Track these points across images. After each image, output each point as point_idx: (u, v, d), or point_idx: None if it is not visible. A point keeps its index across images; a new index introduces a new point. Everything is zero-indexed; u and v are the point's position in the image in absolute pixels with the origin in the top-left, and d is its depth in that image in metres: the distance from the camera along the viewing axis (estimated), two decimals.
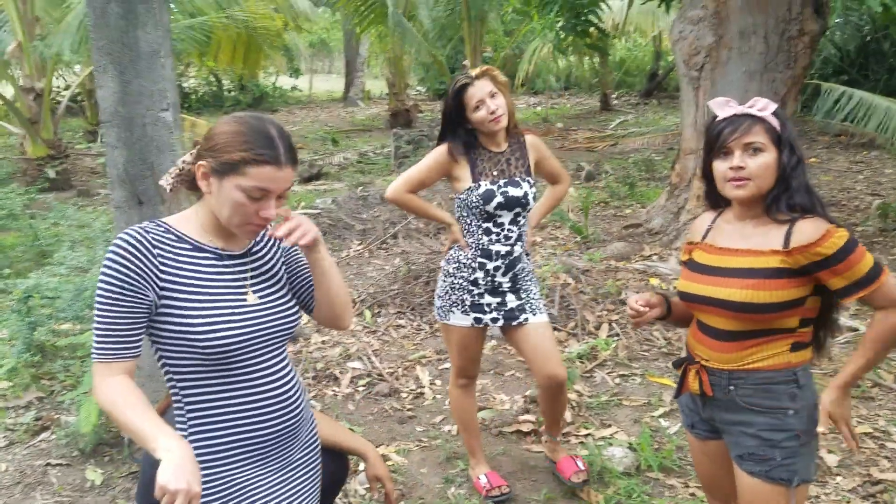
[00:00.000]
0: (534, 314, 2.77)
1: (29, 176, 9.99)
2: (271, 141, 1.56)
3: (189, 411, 1.63)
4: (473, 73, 2.61)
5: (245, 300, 1.66)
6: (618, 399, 3.79)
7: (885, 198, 7.53)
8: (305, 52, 29.77)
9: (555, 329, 4.53)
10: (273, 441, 1.69)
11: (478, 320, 2.75)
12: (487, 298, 2.73)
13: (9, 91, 10.33)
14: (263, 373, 1.67)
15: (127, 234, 1.57)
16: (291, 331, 1.75)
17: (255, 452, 1.67)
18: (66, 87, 14.41)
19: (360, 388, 4.00)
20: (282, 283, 1.77)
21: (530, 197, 2.70)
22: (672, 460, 3.16)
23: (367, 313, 5.02)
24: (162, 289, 1.56)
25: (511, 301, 2.74)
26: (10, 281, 4.99)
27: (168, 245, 1.60)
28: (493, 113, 2.59)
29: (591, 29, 6.88)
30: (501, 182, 2.65)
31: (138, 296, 1.54)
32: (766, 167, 1.75)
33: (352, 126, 17.22)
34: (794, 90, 5.43)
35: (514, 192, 2.65)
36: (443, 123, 2.71)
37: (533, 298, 2.80)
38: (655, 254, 5.89)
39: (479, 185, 2.64)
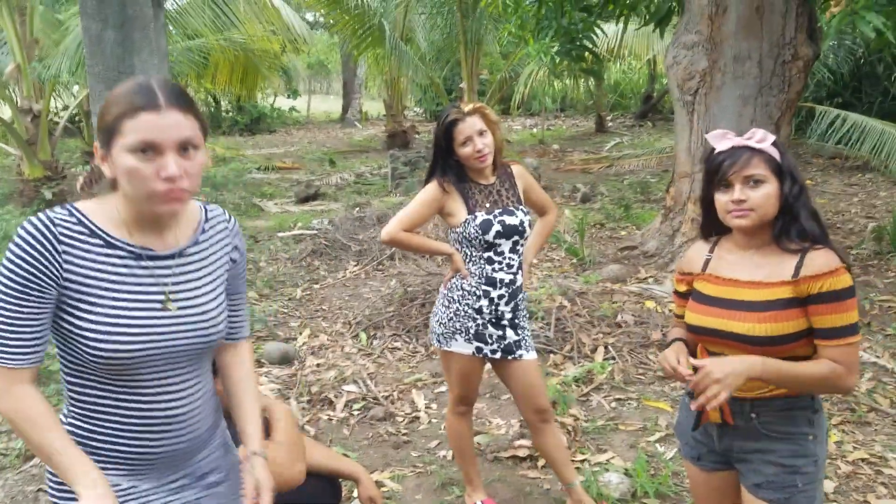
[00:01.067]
0: (527, 351, 2.80)
1: (25, 197, 9.99)
2: (146, 88, 1.38)
3: (70, 404, 1.51)
4: (465, 108, 2.64)
5: (157, 310, 1.47)
6: (614, 423, 3.78)
7: (880, 221, 7.55)
8: (303, 73, 29.97)
9: (550, 352, 4.52)
10: (156, 458, 1.53)
11: (479, 350, 2.75)
12: (490, 329, 2.73)
13: (6, 112, 10.36)
14: (160, 389, 1.50)
15: (31, 224, 1.41)
16: (212, 345, 1.56)
17: (133, 465, 1.52)
18: (64, 108, 14.45)
19: (355, 412, 3.98)
20: (216, 291, 1.58)
21: (526, 224, 2.73)
22: (668, 486, 3.14)
23: (363, 336, 5.01)
24: (64, 287, 1.41)
25: (510, 335, 2.76)
26: None
27: (77, 240, 1.43)
28: (479, 151, 2.62)
29: (586, 53, 6.93)
30: (496, 212, 2.69)
31: (43, 294, 1.39)
32: (767, 198, 1.74)
33: (349, 147, 17.30)
34: (787, 114, 5.47)
35: (510, 220, 2.68)
36: (434, 155, 2.74)
37: (527, 336, 2.83)
38: (651, 276, 5.89)
39: (476, 217, 2.67)
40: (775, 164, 1.75)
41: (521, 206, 2.76)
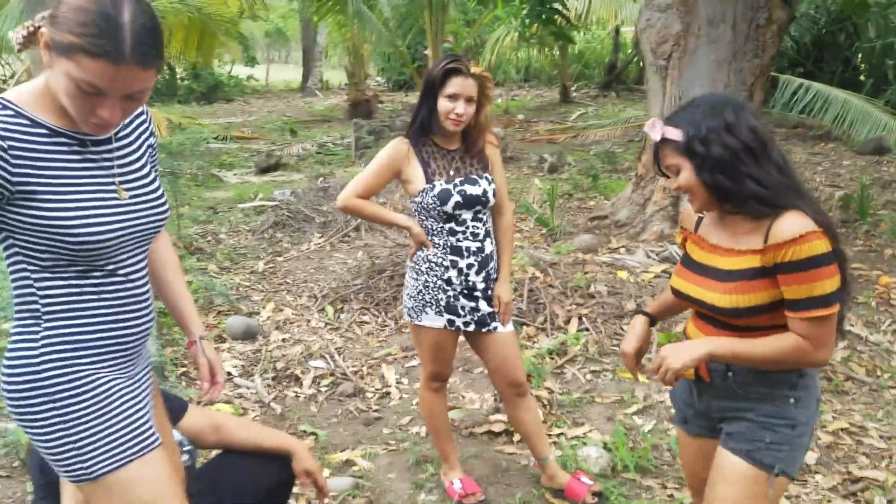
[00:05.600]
0: (503, 323, 2.67)
1: None
2: (116, 30, 1.25)
3: (45, 305, 1.47)
4: (474, 69, 2.47)
5: (115, 196, 1.48)
6: (590, 396, 3.69)
7: (845, 189, 7.59)
8: (261, 41, 29.24)
9: (523, 324, 4.41)
10: (131, 346, 1.58)
11: (451, 322, 2.61)
12: (462, 301, 2.60)
13: None
14: (131, 270, 1.55)
15: None
16: (162, 226, 1.62)
17: (115, 357, 1.54)
18: (12, 76, 13.85)
19: (323, 389, 3.82)
20: (149, 172, 1.60)
21: (490, 194, 2.57)
22: (648, 460, 3.06)
23: (330, 309, 4.84)
24: (16, 184, 1.35)
25: (484, 307, 2.63)
26: None
27: (20, 133, 1.36)
28: (457, 114, 2.46)
29: (556, 16, 6.76)
30: (457, 181, 2.53)
31: None
32: (687, 182, 1.70)
33: (310, 116, 16.89)
34: (761, 80, 5.38)
35: (471, 190, 2.53)
36: (420, 97, 2.56)
37: None
38: (623, 246, 5.81)
39: (434, 186, 2.51)
40: (684, 145, 1.68)
41: (485, 175, 2.59)
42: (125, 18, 1.26)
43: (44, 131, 1.39)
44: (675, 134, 1.68)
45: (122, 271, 1.52)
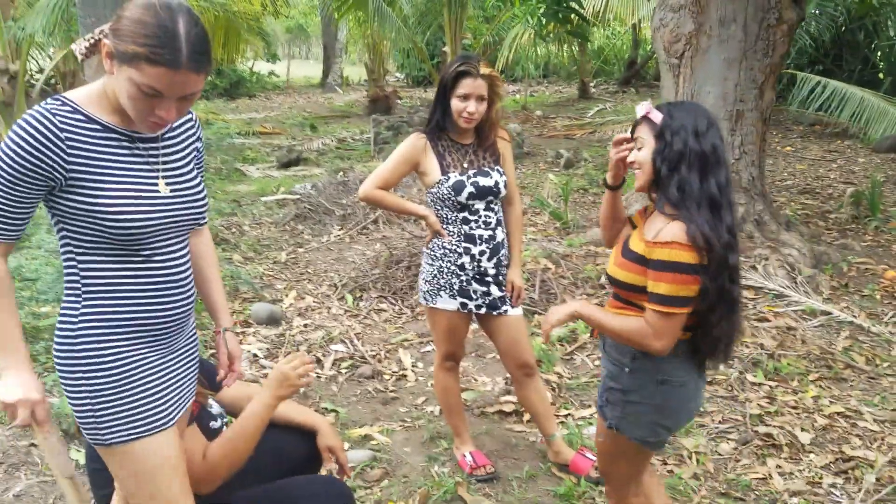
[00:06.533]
0: (512, 307, 2.85)
1: None
2: (173, 40, 1.42)
3: (85, 286, 1.63)
4: (483, 70, 2.65)
5: (157, 189, 1.63)
6: (597, 381, 3.85)
7: (858, 186, 7.67)
8: (282, 37, 29.52)
9: (535, 313, 4.58)
10: (168, 327, 1.71)
11: (463, 305, 2.81)
12: (474, 286, 2.79)
13: None
14: (168, 258, 1.68)
15: (31, 117, 1.51)
16: (201, 219, 1.77)
17: (150, 336, 1.68)
18: (40, 71, 14.16)
19: (343, 371, 4.02)
20: (192, 170, 1.75)
21: (501, 186, 2.76)
22: None
23: (349, 297, 5.04)
24: (71, 171, 1.53)
25: (495, 292, 2.82)
26: None
27: (76, 126, 1.55)
28: (469, 113, 2.65)
29: (572, 15, 6.90)
30: (471, 172, 2.72)
31: (44, 180, 1.51)
32: (644, 157, 1.93)
33: (330, 112, 17.13)
34: (771, 79, 5.49)
35: (484, 181, 2.72)
36: (436, 96, 2.75)
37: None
38: None
39: (449, 177, 2.70)
40: (658, 128, 1.91)
41: (497, 167, 2.78)
42: (181, 29, 1.43)
43: (98, 127, 1.57)
44: (657, 116, 1.92)
45: (158, 258, 1.66)
